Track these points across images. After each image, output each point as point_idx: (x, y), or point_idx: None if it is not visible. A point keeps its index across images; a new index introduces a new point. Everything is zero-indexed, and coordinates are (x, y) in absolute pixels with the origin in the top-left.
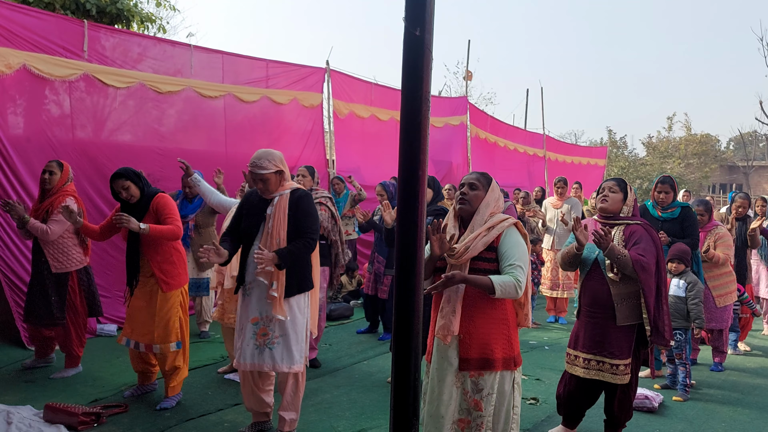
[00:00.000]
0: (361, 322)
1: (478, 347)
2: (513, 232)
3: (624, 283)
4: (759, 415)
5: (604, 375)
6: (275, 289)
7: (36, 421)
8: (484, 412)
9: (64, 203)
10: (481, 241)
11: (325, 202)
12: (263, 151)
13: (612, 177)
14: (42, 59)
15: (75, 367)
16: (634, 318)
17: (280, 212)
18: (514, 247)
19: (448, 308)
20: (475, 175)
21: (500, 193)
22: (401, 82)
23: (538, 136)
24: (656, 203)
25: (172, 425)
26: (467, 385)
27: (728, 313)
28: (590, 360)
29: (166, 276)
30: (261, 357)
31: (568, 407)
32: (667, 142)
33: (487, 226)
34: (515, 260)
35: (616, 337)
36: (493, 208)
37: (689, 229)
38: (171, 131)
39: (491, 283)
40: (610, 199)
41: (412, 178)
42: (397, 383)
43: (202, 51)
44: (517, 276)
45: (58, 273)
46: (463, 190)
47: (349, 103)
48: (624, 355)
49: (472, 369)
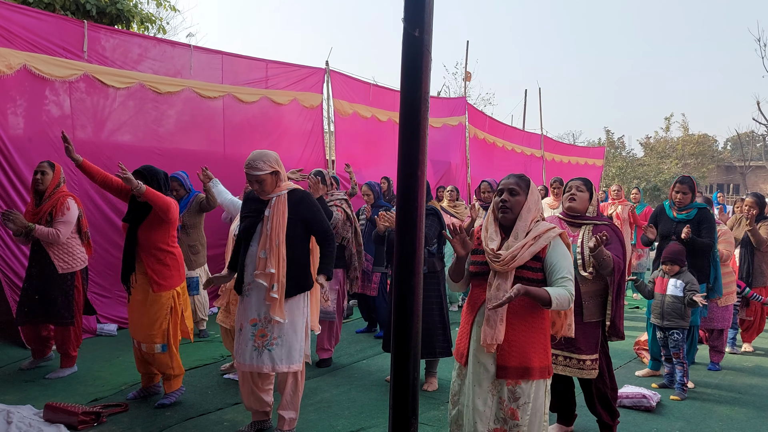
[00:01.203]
0: (360, 321)
1: (517, 355)
2: (559, 243)
3: (593, 281)
4: (756, 414)
5: (572, 371)
6: (276, 291)
7: (36, 421)
8: (520, 422)
9: (65, 203)
10: (528, 250)
11: (340, 204)
12: (258, 152)
13: (577, 177)
14: (42, 59)
15: (70, 367)
16: (599, 315)
17: (279, 213)
18: (563, 258)
19: (495, 316)
20: (514, 180)
21: (539, 195)
22: (400, 83)
23: (536, 136)
24: (673, 203)
25: (172, 424)
26: (504, 393)
27: (728, 313)
28: (557, 356)
29: (158, 276)
30: (260, 358)
31: (553, 403)
32: (664, 143)
33: (533, 235)
34: (566, 273)
35: (583, 334)
36: (534, 212)
37: (706, 230)
38: (170, 132)
39: (549, 296)
40: (578, 198)
41: (411, 179)
42: (396, 382)
43: (202, 51)
44: (570, 289)
45: (65, 273)
46: (503, 197)
47: (353, 104)
48: (591, 351)
49: (510, 377)
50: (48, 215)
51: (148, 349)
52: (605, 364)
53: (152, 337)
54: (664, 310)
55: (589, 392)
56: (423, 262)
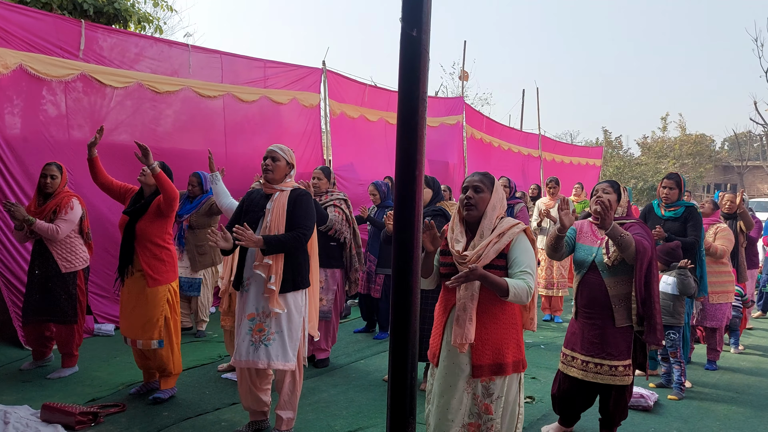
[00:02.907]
0: (359, 321)
1: (491, 353)
2: (522, 238)
3: (621, 284)
4: (753, 414)
5: (604, 377)
6: (273, 282)
7: (33, 421)
8: (494, 415)
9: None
10: (493, 248)
11: (339, 204)
12: (283, 145)
13: (605, 179)
14: (39, 59)
15: (72, 366)
16: (631, 319)
17: (279, 208)
18: (524, 253)
19: (464, 316)
20: (478, 177)
21: (504, 193)
22: (398, 83)
23: (534, 136)
24: (661, 200)
25: (170, 424)
26: (478, 390)
27: (724, 311)
28: (588, 362)
29: (153, 271)
30: (256, 353)
31: (563, 407)
32: (661, 142)
33: (497, 232)
34: (525, 267)
35: (615, 339)
36: (499, 210)
37: (692, 228)
38: (169, 131)
39: (507, 285)
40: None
41: (408, 179)
42: (394, 382)
43: (200, 51)
44: (528, 282)
45: (67, 272)
46: (468, 194)
47: (341, 104)
48: (623, 356)
49: (485, 375)
50: (52, 213)
51: (145, 345)
52: (632, 368)
53: (148, 333)
54: None
55: (608, 395)
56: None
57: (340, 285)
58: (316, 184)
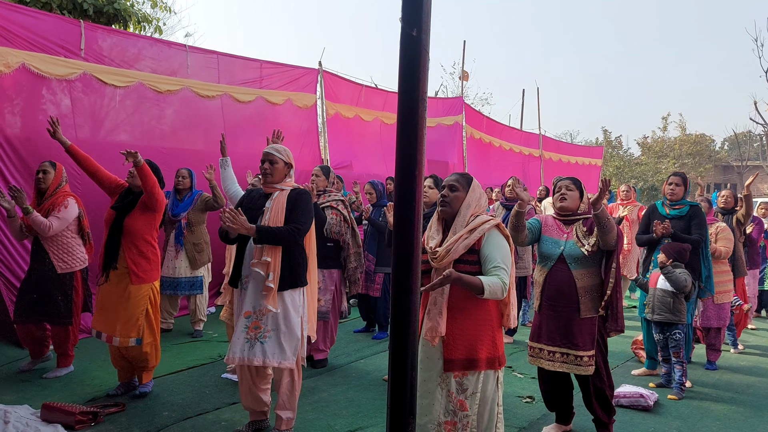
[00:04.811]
0: (358, 321)
1: (463, 348)
2: (495, 233)
3: (588, 276)
4: (753, 414)
5: (570, 367)
6: (271, 280)
7: (33, 420)
8: (469, 412)
9: (63, 202)
10: (462, 243)
11: (336, 206)
12: (279, 144)
13: (567, 177)
14: (41, 58)
15: (67, 366)
16: (595, 310)
17: (278, 207)
18: (496, 249)
19: (434, 310)
20: (455, 177)
21: (482, 193)
22: (398, 83)
23: (534, 136)
24: (666, 198)
25: (170, 424)
26: (452, 386)
27: (725, 311)
28: (554, 352)
29: (138, 269)
30: (252, 351)
31: (550, 401)
32: (661, 142)
33: (468, 228)
34: (498, 262)
35: (580, 330)
36: (474, 208)
37: (696, 226)
38: (169, 130)
39: (481, 284)
40: (569, 197)
41: (408, 178)
42: (393, 381)
43: (198, 51)
44: (502, 278)
45: (64, 273)
46: (443, 193)
47: (336, 104)
48: (587, 347)
49: (457, 369)
50: (47, 212)
51: (122, 343)
52: (602, 361)
53: (127, 331)
54: (654, 303)
55: (586, 389)
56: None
57: (337, 285)
58: (314, 181)
